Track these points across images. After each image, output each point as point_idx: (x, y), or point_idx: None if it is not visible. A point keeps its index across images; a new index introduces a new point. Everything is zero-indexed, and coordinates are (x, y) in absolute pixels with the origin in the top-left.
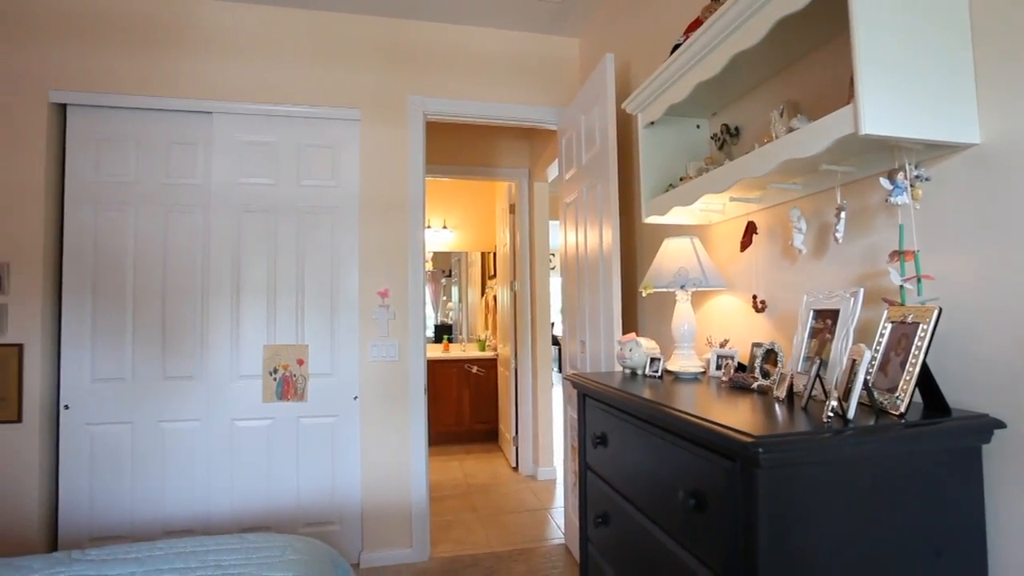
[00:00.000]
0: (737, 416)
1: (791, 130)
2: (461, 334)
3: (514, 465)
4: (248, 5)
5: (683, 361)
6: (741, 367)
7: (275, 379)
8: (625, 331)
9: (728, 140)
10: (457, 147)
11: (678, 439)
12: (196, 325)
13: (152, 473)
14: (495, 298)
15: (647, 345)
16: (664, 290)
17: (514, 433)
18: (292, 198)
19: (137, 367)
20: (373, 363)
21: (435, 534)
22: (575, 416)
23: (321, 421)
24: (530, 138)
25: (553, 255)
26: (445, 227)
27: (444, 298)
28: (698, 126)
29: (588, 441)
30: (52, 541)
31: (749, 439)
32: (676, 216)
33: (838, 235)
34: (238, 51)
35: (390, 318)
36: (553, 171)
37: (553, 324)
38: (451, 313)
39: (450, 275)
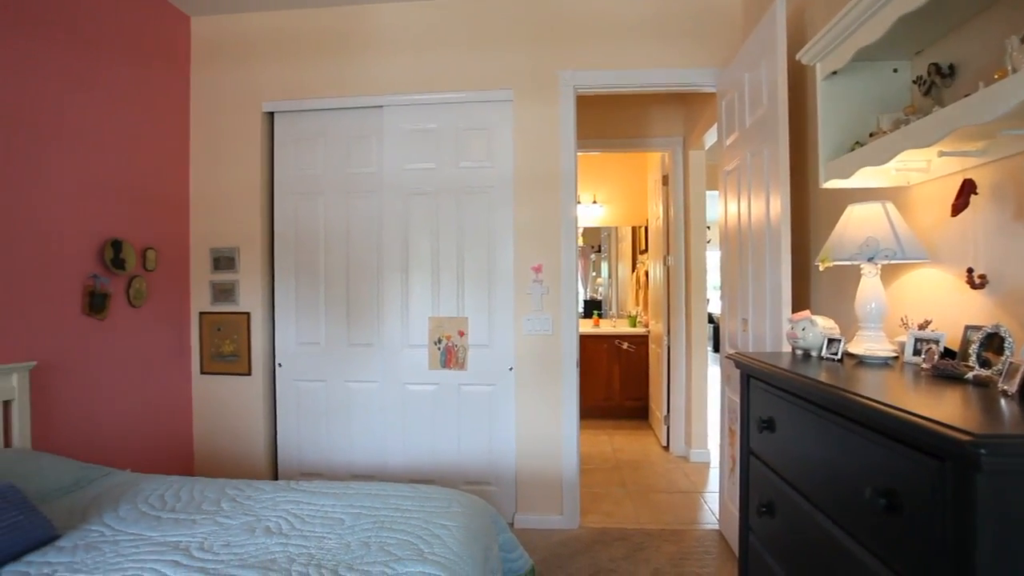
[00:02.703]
0: (945, 409)
1: None
2: (611, 309)
3: (665, 444)
4: (408, 3)
5: (869, 343)
6: (948, 353)
7: (439, 348)
8: (795, 309)
9: (938, 83)
10: (607, 119)
11: (866, 430)
12: (373, 298)
13: (341, 425)
14: (646, 273)
15: (824, 324)
16: (846, 263)
17: (665, 412)
18: (452, 180)
19: (328, 334)
20: (527, 336)
21: (584, 504)
22: (734, 398)
23: (479, 389)
24: (685, 104)
25: (710, 228)
26: (595, 202)
27: (593, 273)
28: (895, 70)
29: (752, 425)
30: (274, 471)
31: (967, 437)
32: (863, 179)
33: None
34: (402, 47)
35: (543, 293)
36: (711, 138)
37: (709, 301)
38: (600, 289)
39: (599, 250)
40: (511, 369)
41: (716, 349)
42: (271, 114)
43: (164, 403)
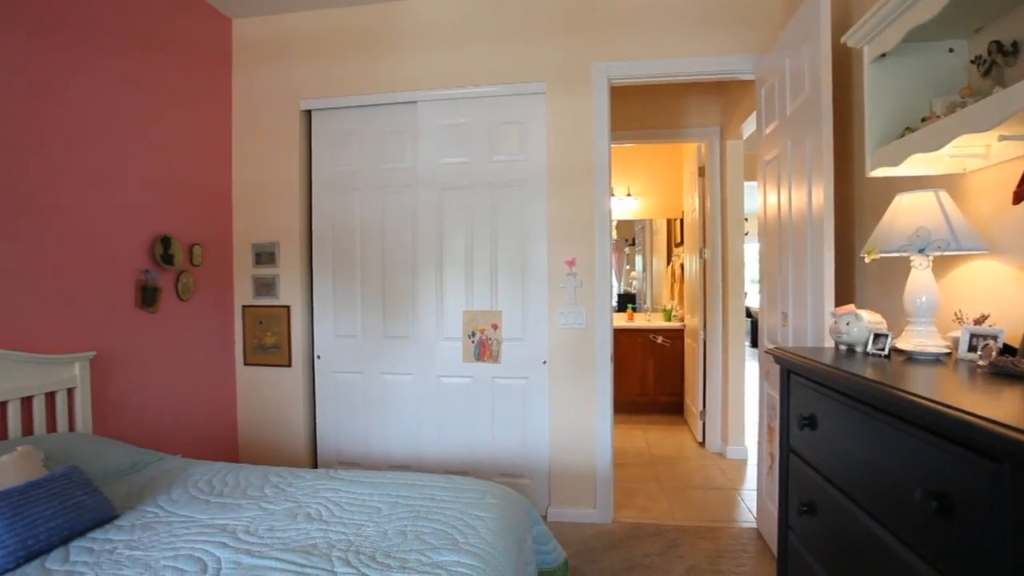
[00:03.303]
0: (1004, 409)
1: None
2: (645, 303)
3: (700, 440)
4: None
5: (919, 339)
6: (1008, 350)
7: (473, 341)
8: (838, 303)
9: (999, 62)
10: (641, 110)
11: (916, 429)
12: (408, 292)
13: (378, 416)
14: (682, 266)
15: (870, 319)
16: (895, 255)
17: (701, 407)
18: (485, 174)
19: (365, 327)
20: (561, 330)
21: (618, 499)
22: (773, 394)
23: (513, 382)
24: (722, 92)
25: (747, 219)
26: (629, 195)
27: (627, 267)
28: (951, 50)
29: (792, 422)
30: (313, 459)
31: None
32: (914, 166)
33: None
34: (433, 42)
35: (577, 286)
36: (749, 127)
37: (746, 294)
38: (634, 282)
39: (633, 244)
40: (544, 363)
41: (754, 344)
42: (308, 112)
43: (210, 392)
